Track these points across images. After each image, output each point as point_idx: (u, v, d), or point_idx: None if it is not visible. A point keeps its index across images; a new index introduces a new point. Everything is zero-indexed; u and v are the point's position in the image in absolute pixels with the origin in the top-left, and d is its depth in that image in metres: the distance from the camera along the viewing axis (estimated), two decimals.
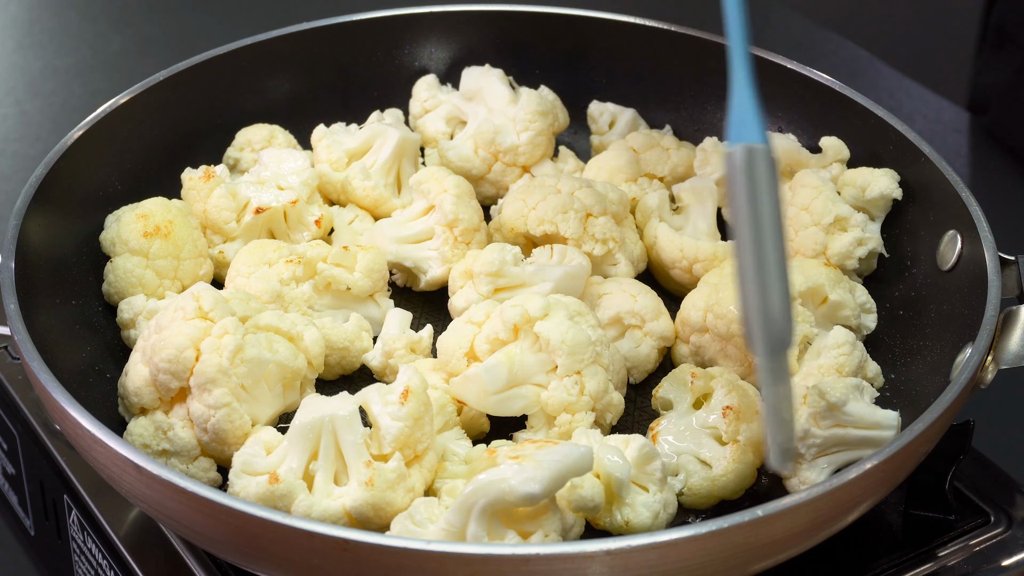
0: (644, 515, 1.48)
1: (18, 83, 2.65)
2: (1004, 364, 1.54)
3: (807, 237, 1.79)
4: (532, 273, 1.71)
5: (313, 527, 1.29)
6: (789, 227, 1.80)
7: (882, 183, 1.81)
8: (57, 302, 1.68)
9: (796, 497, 1.34)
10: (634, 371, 1.72)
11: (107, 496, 1.65)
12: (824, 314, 1.70)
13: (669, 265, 1.82)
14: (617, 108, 2.06)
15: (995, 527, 1.62)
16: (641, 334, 1.72)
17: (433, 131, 2.01)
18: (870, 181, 1.82)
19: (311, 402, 1.48)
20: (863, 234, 1.79)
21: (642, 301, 1.72)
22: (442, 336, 1.63)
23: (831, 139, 1.91)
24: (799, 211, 1.80)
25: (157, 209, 1.76)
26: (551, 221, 1.76)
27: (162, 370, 1.51)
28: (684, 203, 1.89)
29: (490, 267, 1.70)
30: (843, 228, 1.79)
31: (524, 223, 1.78)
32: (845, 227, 1.79)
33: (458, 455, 1.55)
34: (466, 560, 1.28)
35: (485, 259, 1.70)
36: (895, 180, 1.82)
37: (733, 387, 1.60)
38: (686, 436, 1.59)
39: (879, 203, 1.82)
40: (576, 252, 1.74)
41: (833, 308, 1.70)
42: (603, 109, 2.06)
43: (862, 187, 1.82)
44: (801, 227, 1.79)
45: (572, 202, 1.76)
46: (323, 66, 2.06)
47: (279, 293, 1.70)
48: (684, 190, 1.88)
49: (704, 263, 1.79)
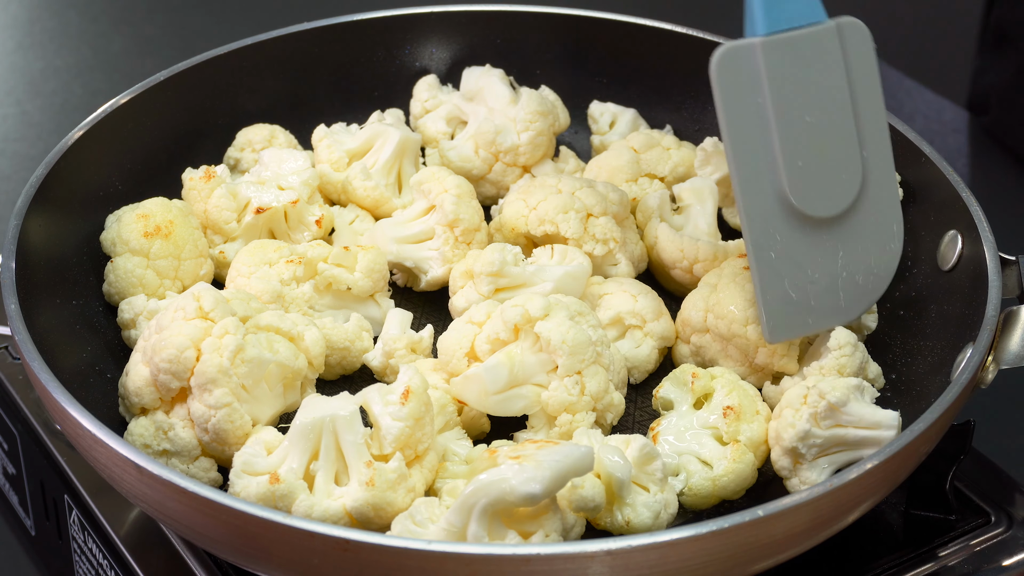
0: (645, 515, 1.48)
1: (19, 83, 2.65)
2: (1005, 364, 1.54)
3: None
4: (532, 273, 1.71)
5: (313, 527, 1.29)
6: None
7: None
8: (57, 302, 1.68)
9: (796, 497, 1.34)
10: (635, 371, 1.72)
11: (108, 496, 1.65)
12: None
13: (670, 265, 1.82)
14: (618, 108, 2.06)
15: (996, 527, 1.62)
16: (642, 334, 1.72)
17: (434, 131, 2.01)
18: None
19: (312, 402, 1.48)
20: None
21: (643, 301, 1.72)
22: (443, 336, 1.63)
23: None
24: None
25: (158, 209, 1.76)
26: (552, 221, 1.76)
27: (163, 370, 1.51)
28: (685, 203, 1.89)
29: (490, 267, 1.70)
30: None
31: (525, 223, 1.78)
32: None
33: (459, 455, 1.55)
34: (467, 560, 1.28)
35: (486, 259, 1.70)
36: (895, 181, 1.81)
37: (734, 387, 1.60)
38: (687, 436, 1.59)
39: None
40: (577, 252, 1.74)
41: None
42: (604, 109, 2.06)
43: None
44: None
45: (573, 202, 1.76)
46: (324, 66, 2.06)
47: (279, 293, 1.70)
48: (685, 190, 1.88)
49: (704, 263, 1.79)
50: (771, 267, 1.57)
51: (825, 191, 1.58)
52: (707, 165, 1.92)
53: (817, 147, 1.57)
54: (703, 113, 2.05)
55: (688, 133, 2.04)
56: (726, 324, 1.66)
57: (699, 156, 1.93)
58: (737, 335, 1.65)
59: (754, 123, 1.55)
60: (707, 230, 1.86)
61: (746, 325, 1.64)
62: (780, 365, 1.65)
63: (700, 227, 1.86)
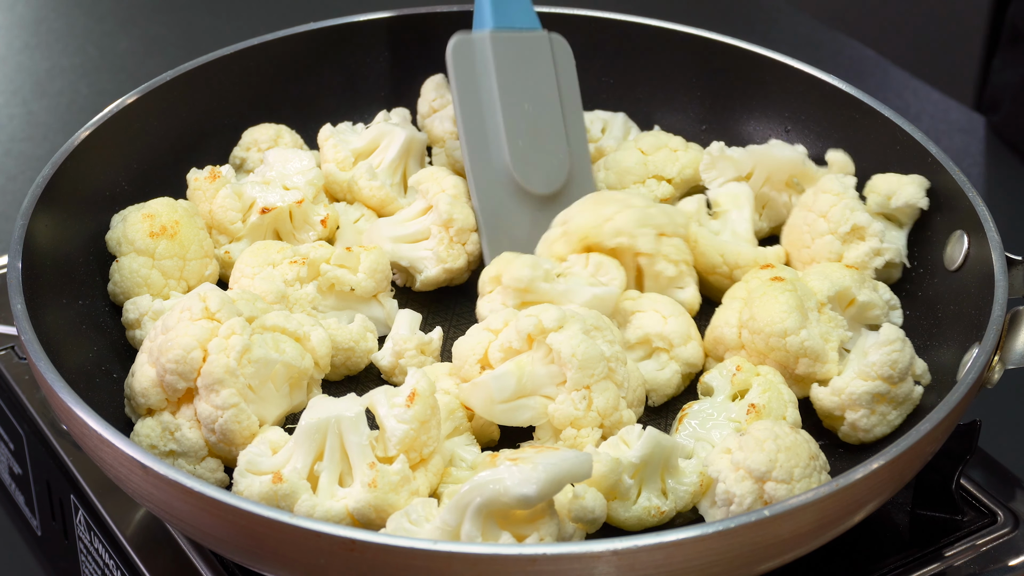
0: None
1: (25, 83, 2.65)
2: (1011, 364, 1.54)
3: (822, 245, 1.77)
4: (561, 293, 1.67)
5: (321, 527, 1.29)
6: (806, 234, 1.79)
7: (908, 191, 1.78)
8: (63, 302, 1.68)
9: (803, 497, 1.34)
10: (653, 394, 1.68)
11: (114, 496, 1.65)
12: (853, 316, 1.69)
13: (709, 270, 1.80)
14: (607, 114, 2.06)
15: (1002, 527, 1.62)
16: (667, 358, 1.69)
17: (440, 131, 2.00)
18: (896, 189, 1.79)
19: (318, 403, 1.48)
20: (880, 244, 1.77)
21: (672, 324, 1.68)
22: (458, 341, 1.62)
23: (838, 153, 1.90)
24: (817, 217, 1.78)
25: (163, 209, 1.76)
26: (629, 234, 1.72)
27: (169, 371, 1.51)
28: (722, 208, 1.87)
29: (519, 283, 1.67)
30: (860, 237, 1.77)
31: (599, 233, 1.73)
32: (863, 236, 1.77)
33: (466, 461, 1.55)
34: (473, 560, 1.28)
35: (514, 274, 1.67)
36: (923, 188, 1.78)
37: (770, 388, 1.59)
38: (709, 424, 1.59)
39: (905, 212, 1.80)
40: (612, 266, 1.70)
41: (862, 309, 1.69)
42: (593, 117, 2.05)
43: (887, 195, 1.79)
44: (817, 234, 1.78)
45: (648, 218, 1.73)
46: (330, 66, 2.06)
47: (284, 294, 1.70)
48: (722, 195, 1.87)
49: (744, 268, 1.78)
50: (495, 228, 1.82)
51: (540, 172, 1.86)
52: (712, 170, 1.91)
53: (534, 132, 1.86)
54: (710, 114, 2.05)
55: (695, 134, 2.04)
56: (763, 339, 1.63)
57: (705, 160, 1.92)
58: (776, 348, 1.63)
59: (483, 103, 1.85)
60: (745, 236, 1.84)
61: (785, 337, 1.62)
62: (822, 373, 1.63)
63: (739, 232, 1.84)
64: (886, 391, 1.59)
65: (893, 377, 1.59)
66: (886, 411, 1.60)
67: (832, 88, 1.93)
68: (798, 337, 1.61)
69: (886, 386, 1.59)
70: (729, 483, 1.47)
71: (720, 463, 1.48)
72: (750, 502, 1.46)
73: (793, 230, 1.82)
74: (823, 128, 1.96)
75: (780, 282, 1.65)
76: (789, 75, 1.97)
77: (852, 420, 1.61)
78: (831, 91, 1.93)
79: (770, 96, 2.00)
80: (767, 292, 1.65)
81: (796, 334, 1.61)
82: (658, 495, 1.50)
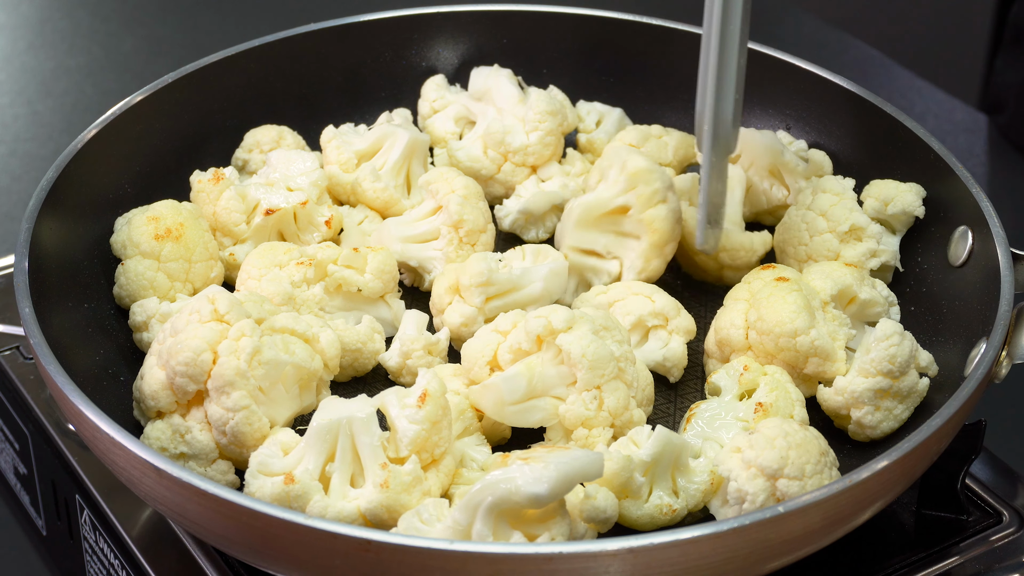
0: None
1: (30, 83, 2.65)
2: (1019, 359, 1.55)
3: (820, 243, 1.78)
4: (519, 276, 1.71)
5: (336, 528, 1.29)
6: (804, 231, 1.80)
7: (905, 199, 1.79)
8: (70, 305, 1.68)
9: (816, 494, 1.35)
10: (673, 369, 1.70)
11: (119, 496, 1.65)
12: (854, 313, 1.69)
13: (695, 250, 1.80)
14: (605, 107, 2.06)
15: (1007, 527, 1.63)
16: (667, 332, 1.71)
17: (442, 131, 2.01)
18: (893, 196, 1.79)
19: (329, 404, 1.48)
20: (877, 246, 1.78)
21: (660, 300, 1.71)
22: (467, 343, 1.62)
23: (818, 152, 1.92)
24: (816, 216, 1.79)
25: (168, 212, 1.76)
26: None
27: (179, 373, 1.51)
28: None
29: (480, 277, 1.69)
30: (858, 238, 1.78)
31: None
32: (860, 237, 1.78)
33: (477, 461, 1.55)
34: (489, 559, 1.28)
35: (473, 271, 1.69)
36: (919, 197, 1.79)
37: (777, 387, 1.60)
38: (717, 423, 1.59)
39: (900, 218, 1.80)
40: (549, 249, 1.76)
41: (863, 307, 1.69)
42: (590, 108, 2.05)
43: (884, 201, 1.80)
44: (816, 232, 1.78)
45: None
46: (332, 67, 2.06)
47: (291, 295, 1.70)
48: None
49: (730, 252, 1.79)
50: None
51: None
52: None
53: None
54: None
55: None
56: (773, 340, 1.63)
57: (698, 138, 1.91)
58: (785, 349, 1.63)
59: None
60: (734, 219, 1.85)
61: (795, 337, 1.62)
62: (831, 372, 1.64)
63: (728, 215, 1.84)
64: (888, 386, 1.60)
65: (894, 371, 1.59)
66: (891, 406, 1.61)
67: (837, 87, 1.93)
68: (808, 337, 1.62)
69: (888, 381, 1.59)
70: (741, 481, 1.47)
71: (731, 462, 1.49)
72: (763, 499, 1.46)
73: (789, 227, 1.83)
74: (827, 126, 1.96)
75: (785, 282, 1.66)
76: (794, 74, 1.97)
77: (857, 418, 1.61)
78: (836, 90, 1.94)
79: (773, 94, 2.00)
80: (774, 293, 1.65)
81: (806, 334, 1.62)
82: (669, 494, 1.51)
